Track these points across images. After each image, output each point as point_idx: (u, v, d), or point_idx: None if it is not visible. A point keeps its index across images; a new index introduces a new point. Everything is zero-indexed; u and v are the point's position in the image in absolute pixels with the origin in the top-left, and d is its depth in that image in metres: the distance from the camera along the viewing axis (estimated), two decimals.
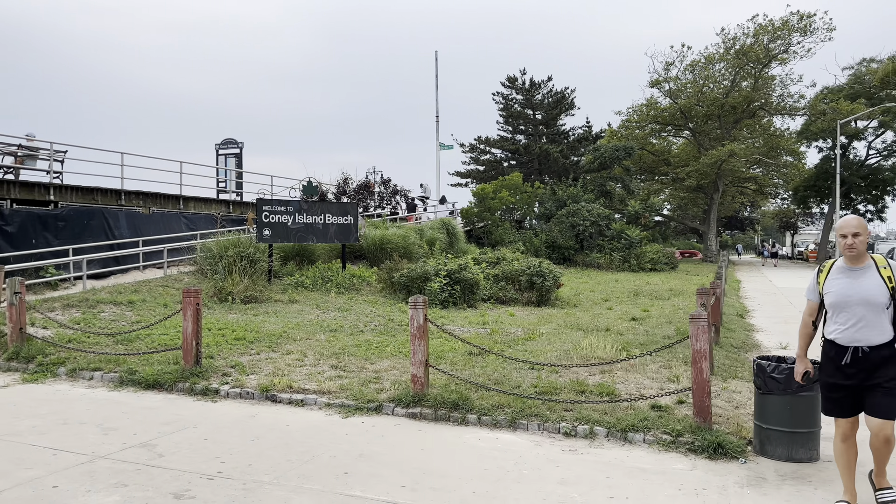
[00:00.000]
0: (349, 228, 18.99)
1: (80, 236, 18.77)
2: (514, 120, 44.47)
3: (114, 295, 14.42)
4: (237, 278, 15.59)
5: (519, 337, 11.58)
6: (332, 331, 12.06)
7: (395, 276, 17.31)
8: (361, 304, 16.01)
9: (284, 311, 14.52)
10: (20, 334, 9.64)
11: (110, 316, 12.72)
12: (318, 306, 15.40)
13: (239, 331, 11.50)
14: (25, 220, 17.35)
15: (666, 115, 51.16)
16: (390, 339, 11.10)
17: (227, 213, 24.52)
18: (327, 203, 18.62)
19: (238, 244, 17.65)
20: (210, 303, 14.60)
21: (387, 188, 27.90)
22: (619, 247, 35.38)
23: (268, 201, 17.60)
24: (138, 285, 15.82)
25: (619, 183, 41.95)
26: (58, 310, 12.93)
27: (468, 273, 17.11)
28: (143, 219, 20.82)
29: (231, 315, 13.74)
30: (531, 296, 18.01)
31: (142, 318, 12.73)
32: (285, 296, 16.22)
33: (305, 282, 17.68)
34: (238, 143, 31.14)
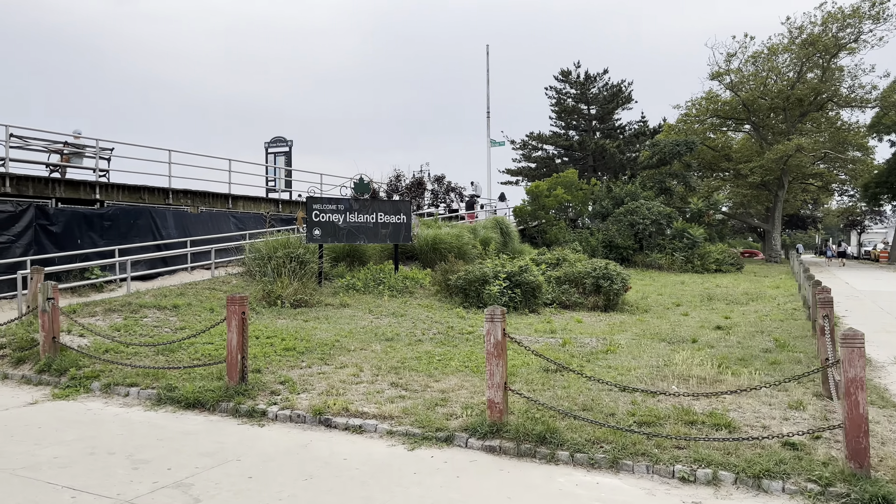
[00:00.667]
0: (402, 228, 18.00)
1: (127, 236, 18.21)
2: (567, 115, 42.97)
3: (158, 298, 13.69)
4: (286, 281, 14.72)
5: (597, 350, 10.37)
6: (388, 340, 11.04)
7: (452, 279, 16.24)
8: (416, 309, 14.98)
9: (336, 316, 13.58)
10: (53, 344, 8.86)
11: (153, 322, 11.94)
12: (371, 311, 14.43)
13: (288, 339, 10.57)
14: (71, 219, 16.83)
15: (727, 109, 48.97)
16: (453, 351, 10.01)
17: (277, 212, 23.81)
18: (379, 201, 17.67)
19: (287, 244, 16.82)
20: (258, 307, 13.76)
21: (440, 185, 26.82)
22: (680, 246, 33.68)
23: (318, 199, 16.73)
24: (184, 288, 15.10)
25: (679, 179, 40.11)
26: (98, 314, 12.22)
27: (529, 275, 15.94)
28: (191, 218, 20.20)
29: (280, 321, 12.86)
30: (597, 300, 16.75)
31: (186, 323, 11.92)
32: (336, 299, 15.29)
33: (357, 284, 16.74)
34: (287, 142, 30.50)
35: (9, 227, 15.52)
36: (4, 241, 15.46)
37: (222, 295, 14.67)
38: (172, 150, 19.74)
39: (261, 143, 24.56)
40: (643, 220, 33.77)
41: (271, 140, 30.83)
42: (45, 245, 16.31)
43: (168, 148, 19.63)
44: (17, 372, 8.92)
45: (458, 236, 21.90)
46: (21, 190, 15.99)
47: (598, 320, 14.97)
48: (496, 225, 27.72)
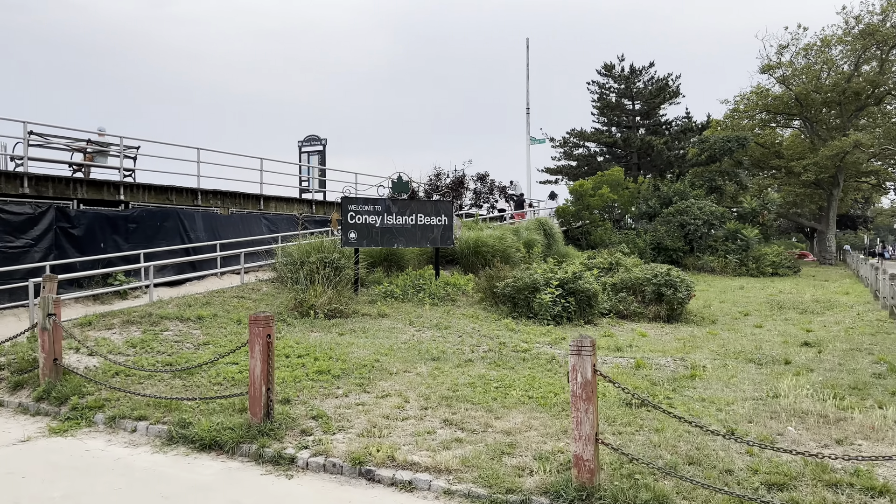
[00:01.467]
0: (443, 230, 16.69)
1: (153, 239, 17.21)
2: (609, 111, 41.22)
3: (181, 308, 12.58)
4: (320, 288, 13.51)
5: (678, 374, 8.91)
6: (434, 359, 9.72)
7: (499, 287, 14.87)
8: (461, 320, 13.66)
9: (374, 328, 12.33)
10: (54, 367, 7.72)
11: (174, 335, 10.80)
12: (412, 322, 13.15)
13: (322, 359, 9.33)
14: (93, 221, 15.86)
15: (777, 104, 46.73)
16: (511, 375, 8.65)
17: (310, 213, 22.70)
18: (419, 201, 16.40)
19: (321, 248, 15.62)
20: (289, 317, 12.58)
21: (483, 184, 25.42)
22: (733, 248, 31.82)
23: (353, 200, 15.51)
24: (211, 296, 13.98)
25: (730, 178, 38.16)
26: (116, 327, 11.13)
27: (584, 283, 14.50)
28: (221, 220, 19.17)
29: (313, 333, 11.65)
30: (658, 309, 15.24)
31: (210, 338, 10.76)
32: (373, 308, 14.05)
33: (395, 291, 15.48)
34: (321, 140, 29.42)
35: (27, 230, 14.59)
36: (23, 245, 14.53)
37: (251, 304, 13.52)
38: (201, 149, 18.74)
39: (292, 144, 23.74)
40: (694, 220, 32.02)
41: (305, 139, 29.79)
42: (66, 249, 15.36)
43: (196, 146, 18.63)
44: (13, 399, 7.81)
45: (501, 238, 20.52)
46: (40, 191, 15.06)
47: (664, 333, 13.49)
48: (539, 226, 26.27)
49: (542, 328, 13.19)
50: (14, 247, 14.42)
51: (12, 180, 14.55)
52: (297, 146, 29.54)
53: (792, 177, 46.85)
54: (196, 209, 18.61)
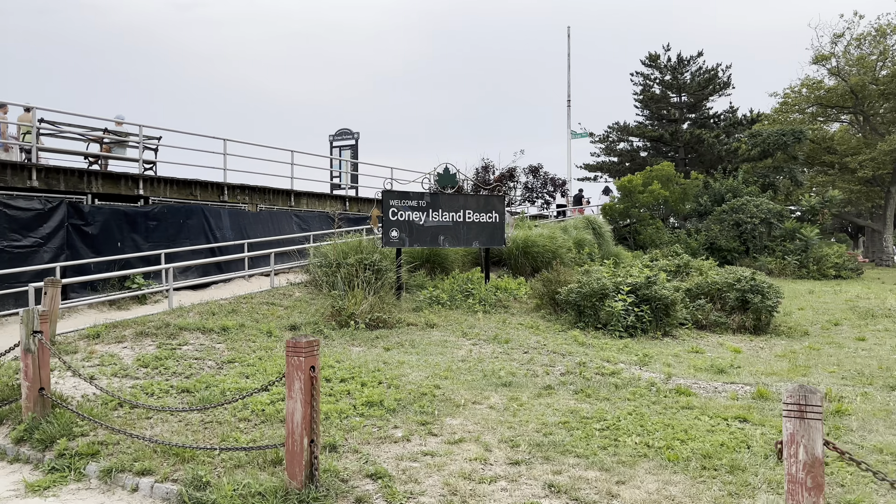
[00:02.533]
0: (494, 228, 14.96)
1: (176, 239, 15.72)
2: (653, 104, 39.07)
3: (204, 317, 11.00)
4: (360, 294, 11.86)
5: (829, 409, 7.06)
6: (506, 385, 7.99)
7: (561, 293, 13.10)
8: (519, 331, 11.94)
9: (423, 341, 10.65)
10: (40, 399, 6.13)
11: (194, 351, 9.21)
12: (465, 333, 11.45)
13: (370, 383, 7.66)
14: (110, 218, 14.39)
15: (831, 97, 44.24)
16: (610, 411, 6.88)
17: (344, 210, 21.13)
18: (467, 196, 14.69)
19: (359, 249, 13.98)
20: (326, 328, 10.94)
21: (536, 177, 23.58)
22: (792, 249, 29.65)
23: (395, 193, 13.83)
24: (237, 302, 12.40)
25: (785, 174, 35.91)
26: (127, 340, 9.57)
27: (661, 289, 12.68)
28: (248, 218, 17.64)
29: (355, 348, 10.00)
30: (743, 319, 13.37)
31: (236, 353, 9.15)
32: (419, 317, 12.38)
33: (441, 297, 13.79)
34: (353, 134, 27.90)
35: (35, 227, 13.15)
36: (31, 245, 13.09)
37: (282, 312, 11.91)
38: (228, 140, 17.22)
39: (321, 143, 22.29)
40: (751, 218, 29.91)
41: (336, 133, 28.27)
42: (79, 249, 13.91)
43: (223, 137, 17.12)
44: None
45: (552, 238, 18.74)
46: (51, 184, 13.62)
47: (757, 348, 11.65)
48: (588, 224, 24.43)
49: (614, 342, 11.40)
50: (21, 246, 12.99)
51: (19, 172, 13.13)
52: (327, 141, 28.06)
53: (846, 173, 44.35)
54: (222, 206, 17.10)
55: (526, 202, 23.86)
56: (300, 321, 11.04)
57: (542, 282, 14.21)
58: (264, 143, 16.80)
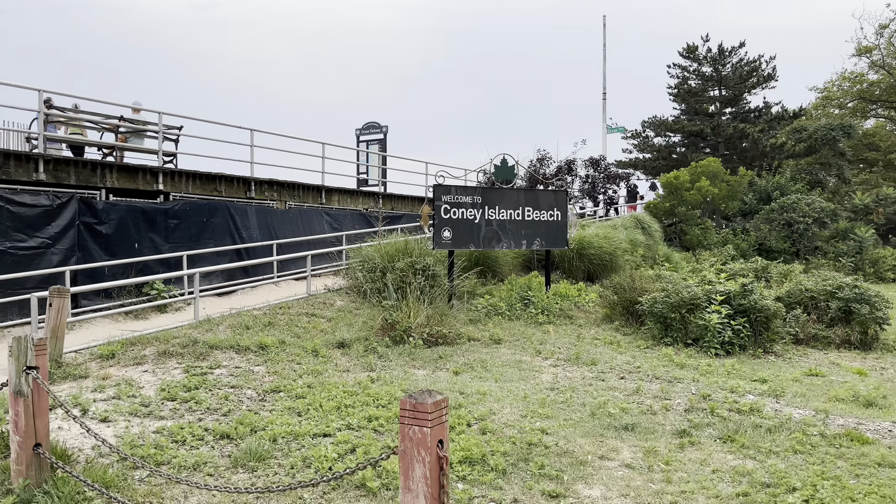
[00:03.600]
0: (555, 227, 13.29)
1: (199, 239, 14.14)
2: (691, 97, 37.09)
3: (236, 331, 9.39)
4: (415, 305, 10.21)
5: None
6: (627, 428, 6.29)
7: (643, 302, 11.40)
8: (599, 348, 10.28)
9: (494, 361, 9.01)
10: (35, 459, 4.51)
11: (228, 377, 7.60)
12: (539, 351, 9.79)
13: (457, 425, 6.03)
14: (126, 216, 12.83)
15: (873, 91, 42.18)
16: (789, 470, 5.18)
17: (376, 208, 19.50)
18: (526, 191, 12.99)
19: (406, 251, 12.36)
20: (378, 344, 9.31)
21: (598, 170, 21.72)
22: (846, 250, 27.76)
23: (448, 188, 12.16)
24: (272, 312, 10.78)
25: (833, 170, 33.96)
26: (148, 361, 7.97)
27: (760, 299, 10.94)
28: (277, 216, 16.04)
29: (418, 371, 8.36)
30: (847, 332, 11.62)
31: (280, 380, 7.54)
32: (481, 330, 10.73)
33: (499, 306, 12.14)
34: (381, 128, 26.27)
35: (42, 226, 11.60)
36: (37, 246, 11.55)
37: (326, 325, 10.27)
38: (255, 130, 15.62)
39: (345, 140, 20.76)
40: (803, 218, 28.01)
41: (363, 126, 26.63)
42: (92, 250, 12.35)
43: (249, 127, 15.51)
44: None
45: (609, 238, 17.04)
46: (60, 177, 12.07)
47: (879, 368, 9.95)
48: (637, 224, 22.67)
49: (714, 361, 9.70)
50: (26, 248, 11.45)
51: (24, 163, 11.59)
52: (354, 135, 26.43)
53: (891, 170, 42.32)
54: (248, 203, 15.51)
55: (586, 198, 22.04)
56: (348, 337, 9.41)
57: (613, 289, 12.52)
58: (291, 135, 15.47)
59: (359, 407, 6.59)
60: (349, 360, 8.63)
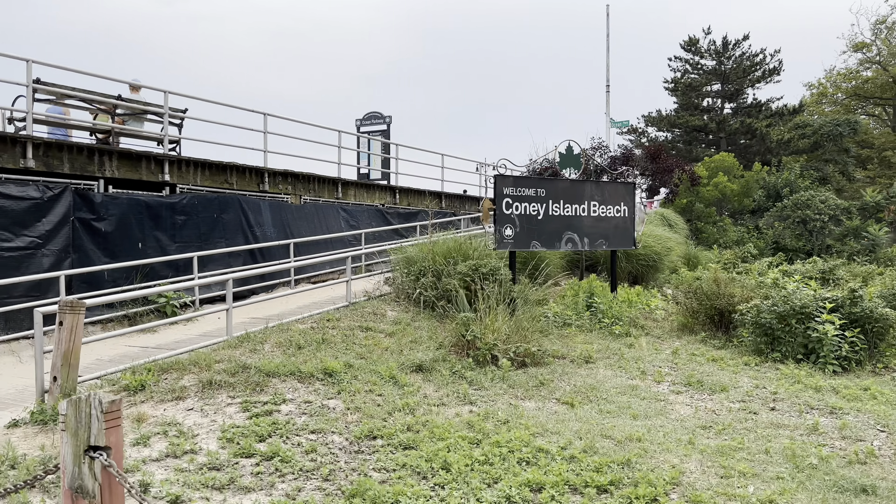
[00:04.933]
0: (622, 225, 11.77)
1: (209, 238, 12.33)
2: (691, 91, 36.07)
3: (287, 352, 7.66)
4: (491, 317, 8.56)
5: None
6: (865, 491, 4.78)
7: (744, 311, 9.93)
8: (704, 366, 8.82)
9: (603, 386, 7.47)
10: None
11: (301, 417, 5.90)
12: (643, 371, 8.28)
13: (640, 489, 4.44)
14: (128, 211, 10.97)
15: (870, 88, 41.63)
16: None
17: (394, 202, 17.79)
18: (593, 184, 11.44)
19: (461, 250, 10.73)
20: (461, 366, 7.67)
21: (657, 162, 20.20)
22: (859, 248, 26.85)
23: (510, 179, 10.54)
24: (320, 325, 9.02)
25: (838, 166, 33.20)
26: (190, 394, 6.22)
27: (877, 307, 9.55)
28: (292, 212, 14.24)
29: (525, 403, 6.77)
30: None
31: (367, 421, 5.87)
32: (557, 343, 9.16)
33: (567, 315, 10.59)
34: (385, 118, 24.53)
35: (31, 223, 9.70)
36: (25, 246, 9.65)
37: (387, 341, 8.55)
38: (269, 115, 13.78)
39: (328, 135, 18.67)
40: (819, 215, 27.02)
41: (364, 116, 24.84)
42: (89, 251, 10.48)
43: (262, 111, 13.67)
44: None
45: (658, 238, 15.64)
46: (51, 164, 10.16)
47: None
48: (663, 220, 21.35)
49: (839, 380, 8.26)
50: (13, 248, 9.55)
51: (10, 148, 9.66)
52: (354, 125, 24.62)
53: (886, 168, 41.81)
54: (261, 197, 13.70)
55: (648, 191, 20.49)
56: (424, 358, 7.74)
57: (695, 295, 11.04)
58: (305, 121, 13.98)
59: (497, 464, 4.97)
60: (437, 390, 6.97)
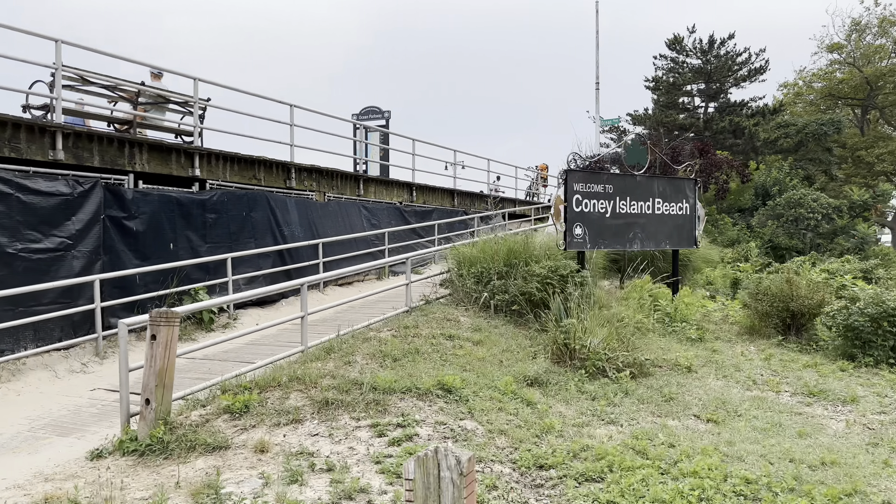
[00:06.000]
0: (684, 223, 11.26)
1: (238, 238, 11.40)
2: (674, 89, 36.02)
3: (382, 363, 6.85)
4: (591, 324, 7.90)
5: None
6: None
7: (828, 313, 9.49)
8: (807, 373, 8.34)
9: (733, 399, 6.90)
10: None
11: (441, 442, 5.16)
12: (752, 380, 7.76)
13: None
14: (159, 209, 9.99)
15: (844, 88, 42.31)
16: None
17: (411, 200, 17.00)
18: (658, 180, 10.86)
19: (526, 250, 10.05)
20: (575, 377, 7.00)
21: (706, 157, 19.65)
22: (849, 247, 27.09)
23: (581, 174, 9.90)
24: (402, 334, 8.22)
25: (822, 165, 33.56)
26: (307, 417, 5.40)
27: None
28: (317, 210, 13.36)
29: (668, 420, 6.13)
30: None
31: (526, 449, 5.18)
32: (655, 352, 8.56)
33: (640, 319, 9.99)
34: (383, 113, 23.71)
35: (61, 221, 8.69)
36: (54, 248, 8.64)
37: (482, 352, 7.78)
38: (295, 106, 12.86)
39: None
40: (812, 213, 27.16)
41: (362, 111, 23.98)
42: (120, 252, 9.49)
43: (289, 102, 12.76)
44: None
45: None
46: (81, 156, 9.14)
47: None
48: None
49: None
50: (42, 250, 8.53)
51: (38, 138, 8.62)
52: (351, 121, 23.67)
53: (862, 167, 42.56)
54: (287, 194, 12.78)
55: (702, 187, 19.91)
56: (535, 370, 7.05)
57: (766, 297, 10.55)
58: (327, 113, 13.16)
59: (718, 500, 4.31)
60: (567, 406, 6.29)
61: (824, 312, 9.67)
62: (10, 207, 8.16)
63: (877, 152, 40.10)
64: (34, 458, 5.58)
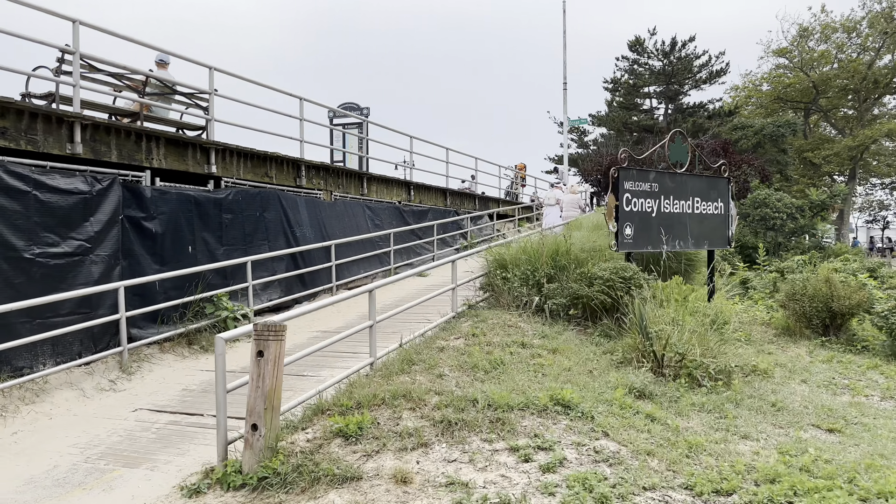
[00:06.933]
0: (719, 222, 11.05)
1: (252, 240, 10.62)
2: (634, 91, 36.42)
3: (477, 376, 6.29)
4: (680, 330, 7.54)
5: None
6: None
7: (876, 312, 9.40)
8: (873, 376, 8.18)
9: (838, 407, 6.66)
10: None
11: (593, 466, 4.68)
12: (833, 384, 7.52)
13: None
14: (177, 208, 9.15)
15: (791, 92, 43.61)
16: None
17: (409, 200, 16.37)
18: (696, 178, 10.55)
19: (566, 253, 9.64)
20: (671, 387, 6.60)
21: (728, 156, 19.38)
22: (809, 246, 27.86)
23: (632, 172, 9.51)
24: (470, 343, 7.65)
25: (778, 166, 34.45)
26: (434, 442, 4.81)
27: None
28: (325, 210, 12.63)
29: (803, 433, 5.79)
30: None
31: (689, 472, 4.75)
32: (713, 358, 8.27)
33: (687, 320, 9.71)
34: (362, 109, 22.88)
35: (79, 222, 7.81)
36: (73, 252, 7.75)
37: (565, 361, 7.28)
38: (304, 100, 12.09)
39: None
40: (777, 213, 27.76)
41: (340, 106, 23.08)
42: (139, 256, 8.63)
43: (299, 95, 11.98)
44: None
45: None
46: (98, 150, 8.24)
47: None
48: None
49: None
50: (60, 254, 7.63)
51: (56, 129, 7.70)
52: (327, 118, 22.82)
53: (809, 168, 43.98)
54: (297, 193, 12.02)
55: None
56: (637, 381, 6.60)
57: (805, 298, 10.42)
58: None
59: None
60: (686, 420, 5.87)
61: (863, 312, 9.58)
62: (27, 207, 7.25)
63: (823, 154, 41.51)
64: (113, 495, 4.83)
